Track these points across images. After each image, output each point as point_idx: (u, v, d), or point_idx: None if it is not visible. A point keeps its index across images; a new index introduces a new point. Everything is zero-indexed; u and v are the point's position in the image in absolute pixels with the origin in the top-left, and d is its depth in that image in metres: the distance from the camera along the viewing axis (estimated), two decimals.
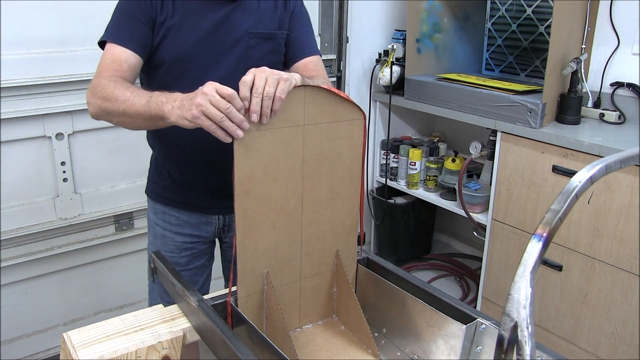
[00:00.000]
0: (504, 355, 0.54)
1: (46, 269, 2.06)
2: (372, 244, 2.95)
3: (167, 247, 1.42)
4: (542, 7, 2.37)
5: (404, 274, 1.12)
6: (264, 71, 0.93)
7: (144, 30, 1.21)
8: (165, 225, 1.41)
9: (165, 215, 1.41)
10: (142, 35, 1.21)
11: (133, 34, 1.21)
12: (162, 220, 1.42)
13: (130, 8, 1.21)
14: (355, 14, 2.59)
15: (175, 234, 1.41)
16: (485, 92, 2.17)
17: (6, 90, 1.79)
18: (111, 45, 1.20)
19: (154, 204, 1.43)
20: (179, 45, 1.23)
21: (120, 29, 1.22)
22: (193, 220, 1.41)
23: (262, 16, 1.29)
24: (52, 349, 2.15)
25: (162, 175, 1.40)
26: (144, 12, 1.21)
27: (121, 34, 1.21)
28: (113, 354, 0.96)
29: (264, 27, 1.29)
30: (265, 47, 1.30)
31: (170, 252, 1.42)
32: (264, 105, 0.92)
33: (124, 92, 1.08)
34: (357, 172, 1.11)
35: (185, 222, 1.40)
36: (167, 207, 1.40)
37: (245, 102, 0.92)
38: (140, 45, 1.21)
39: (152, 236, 1.46)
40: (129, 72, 1.19)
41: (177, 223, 1.40)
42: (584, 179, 0.58)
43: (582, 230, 1.89)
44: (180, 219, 1.40)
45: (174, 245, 1.42)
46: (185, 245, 1.43)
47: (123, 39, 1.20)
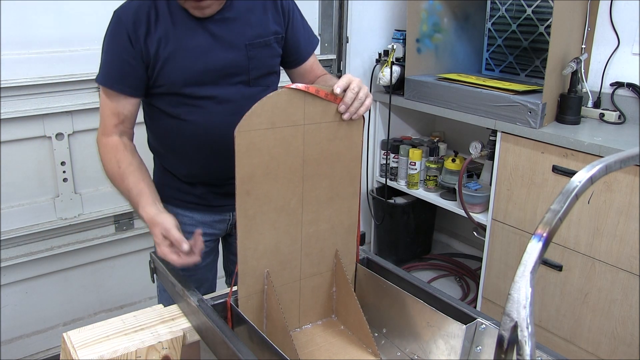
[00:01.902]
0: (504, 355, 0.54)
1: (46, 269, 2.06)
2: (372, 244, 2.95)
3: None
4: (542, 7, 2.37)
5: (404, 274, 1.12)
6: (359, 81, 1.06)
7: (137, 73, 1.21)
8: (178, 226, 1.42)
9: (177, 217, 1.38)
10: (137, 77, 1.22)
11: (127, 78, 1.22)
12: None
13: (120, 50, 1.20)
14: (355, 14, 2.59)
15: (189, 234, 1.40)
16: (485, 92, 2.17)
17: (6, 90, 1.79)
18: (107, 91, 1.23)
19: (165, 206, 1.42)
20: (180, 71, 1.22)
21: (113, 73, 1.22)
22: (207, 219, 1.41)
23: (254, 24, 1.27)
24: (52, 349, 2.15)
25: (172, 178, 1.39)
26: (134, 54, 1.19)
27: (116, 79, 1.22)
28: (113, 354, 0.96)
29: (259, 36, 1.27)
30: (264, 54, 1.29)
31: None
32: (354, 105, 1.05)
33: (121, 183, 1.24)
34: (357, 171, 1.11)
35: (199, 222, 1.40)
36: (179, 208, 1.39)
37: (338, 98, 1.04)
38: (135, 87, 1.23)
39: None
40: (129, 120, 1.27)
41: (191, 223, 1.40)
42: (584, 179, 0.58)
43: (582, 230, 1.89)
44: (193, 219, 1.40)
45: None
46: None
47: (118, 84, 1.22)
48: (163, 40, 1.19)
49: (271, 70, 1.32)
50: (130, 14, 1.19)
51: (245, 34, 1.25)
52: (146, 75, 1.22)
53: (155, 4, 1.19)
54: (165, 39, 1.19)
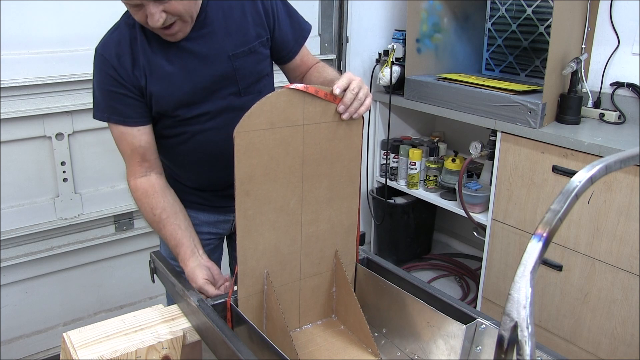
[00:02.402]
0: (504, 355, 0.54)
1: (46, 269, 2.06)
2: (372, 244, 2.95)
3: None
4: (542, 7, 2.37)
5: (404, 274, 1.12)
6: (360, 81, 1.06)
7: (135, 102, 1.20)
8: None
9: None
10: (137, 105, 1.20)
11: (128, 110, 1.20)
12: None
13: (110, 85, 1.18)
14: (355, 14, 2.59)
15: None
16: (485, 92, 2.17)
17: (6, 90, 1.79)
18: (116, 127, 1.22)
19: None
20: (169, 97, 1.20)
21: (113, 109, 1.20)
22: (211, 219, 1.41)
23: (235, 33, 1.23)
24: (52, 349, 2.15)
25: (176, 182, 1.39)
26: (125, 85, 1.18)
27: (118, 114, 1.20)
28: (113, 354, 0.96)
29: (241, 44, 1.23)
30: (250, 62, 1.26)
31: None
32: (354, 105, 1.04)
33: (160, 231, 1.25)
34: (356, 171, 1.11)
35: (203, 222, 1.41)
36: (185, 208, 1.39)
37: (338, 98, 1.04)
38: (140, 115, 1.22)
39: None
40: (150, 150, 1.25)
41: (195, 223, 1.39)
42: (584, 179, 0.58)
43: (582, 230, 1.89)
44: (197, 218, 1.40)
45: None
46: (202, 242, 1.41)
47: (123, 117, 1.20)
48: (147, 70, 1.18)
49: (261, 75, 1.30)
50: (112, 47, 1.17)
51: (226, 46, 1.21)
52: (145, 101, 1.21)
53: (132, 32, 1.18)
54: (149, 68, 1.18)
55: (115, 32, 1.19)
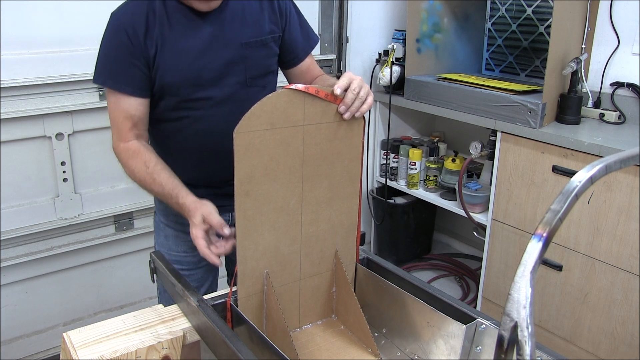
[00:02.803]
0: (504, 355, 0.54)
1: (46, 269, 2.06)
2: (372, 244, 2.95)
3: (180, 247, 1.43)
4: (542, 7, 2.37)
5: (404, 274, 1.12)
6: (360, 80, 1.05)
7: (139, 71, 1.20)
8: (178, 226, 1.41)
9: (177, 217, 1.40)
10: (140, 75, 1.20)
11: (131, 78, 1.20)
12: (174, 222, 1.42)
13: (120, 49, 1.18)
14: (355, 14, 2.59)
15: (188, 234, 1.42)
16: (485, 92, 2.17)
17: (6, 90, 1.79)
18: (113, 94, 1.21)
19: (165, 207, 1.41)
20: (176, 72, 1.21)
21: (116, 73, 1.20)
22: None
23: (250, 24, 1.27)
24: (52, 349, 2.15)
25: None
26: (135, 52, 1.18)
27: (120, 80, 1.20)
28: (113, 354, 0.96)
29: (255, 35, 1.27)
30: (260, 54, 1.28)
31: (184, 252, 1.43)
32: (355, 104, 1.04)
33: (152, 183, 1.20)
34: (356, 172, 1.11)
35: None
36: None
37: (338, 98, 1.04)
38: (141, 87, 1.21)
39: (162, 238, 1.45)
40: (143, 122, 1.24)
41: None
42: (584, 179, 0.58)
43: (582, 230, 1.89)
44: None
45: (187, 245, 1.42)
46: None
47: (124, 84, 1.20)
48: (160, 41, 1.19)
49: (268, 70, 1.32)
50: (128, 14, 1.18)
51: (241, 33, 1.24)
52: (149, 74, 1.21)
53: (152, 4, 1.19)
54: (162, 40, 1.19)
55: (132, 2, 1.20)
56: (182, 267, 1.44)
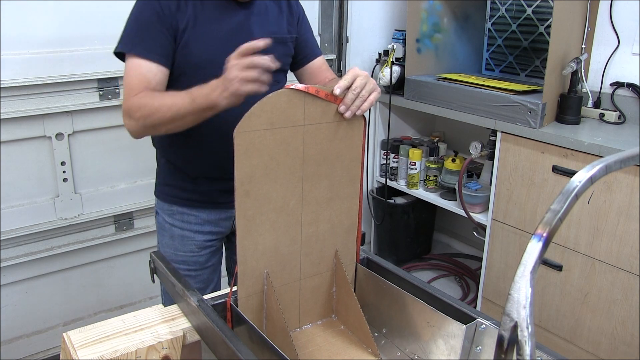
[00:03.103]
0: (504, 355, 0.54)
1: (46, 269, 2.06)
2: (372, 244, 2.95)
3: (186, 247, 1.43)
4: (542, 7, 2.37)
5: (404, 274, 1.12)
6: (365, 77, 1.03)
7: (166, 40, 1.20)
8: (184, 225, 1.41)
9: (183, 216, 1.41)
10: (166, 45, 1.20)
11: (157, 45, 1.20)
12: (180, 221, 1.41)
13: (149, 17, 1.19)
14: (355, 14, 2.59)
15: (196, 233, 1.42)
16: (485, 92, 2.17)
17: (6, 90, 1.79)
18: (135, 60, 1.19)
19: (170, 206, 1.42)
20: (202, 52, 1.23)
21: (141, 40, 1.19)
22: (213, 217, 1.42)
23: (272, 21, 1.33)
24: (52, 349, 2.15)
25: (177, 176, 1.40)
26: (164, 21, 1.19)
27: (145, 46, 1.19)
28: (113, 354, 0.96)
29: (276, 32, 1.32)
30: (279, 51, 1.31)
31: (190, 252, 1.43)
32: (355, 103, 1.03)
33: (164, 101, 1.13)
34: (357, 172, 1.11)
35: (205, 221, 1.41)
36: (185, 207, 1.40)
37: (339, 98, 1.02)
38: (165, 56, 1.21)
39: (167, 238, 1.44)
40: (159, 87, 1.21)
41: (197, 222, 1.41)
42: (584, 179, 0.58)
43: (582, 230, 1.89)
44: (199, 217, 1.41)
45: (194, 244, 1.43)
46: (205, 244, 1.44)
47: (147, 51, 1.19)
48: (191, 19, 1.22)
49: (283, 69, 1.38)
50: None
51: (265, 28, 1.30)
52: (174, 47, 1.21)
53: None
54: (193, 18, 1.22)
55: None
56: (188, 268, 1.44)
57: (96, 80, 1.95)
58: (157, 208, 1.47)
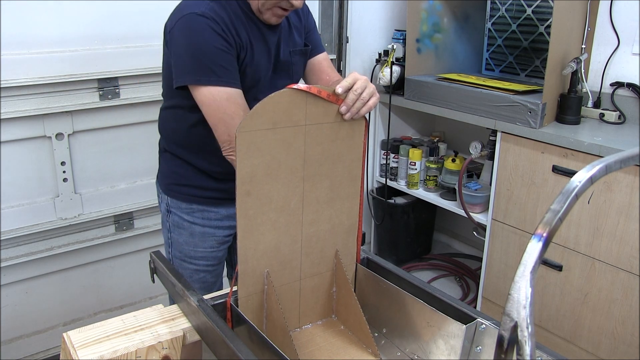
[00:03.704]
0: (504, 355, 0.54)
1: (46, 269, 2.06)
2: (372, 244, 2.95)
3: (207, 243, 1.46)
4: (542, 7, 2.37)
5: (404, 274, 1.12)
6: (365, 80, 1.05)
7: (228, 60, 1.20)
8: (205, 222, 1.44)
9: (204, 213, 1.44)
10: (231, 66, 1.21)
11: (235, 71, 1.21)
12: (201, 218, 1.44)
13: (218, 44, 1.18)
14: (355, 14, 2.59)
15: (216, 229, 1.46)
16: (485, 92, 2.17)
17: (6, 90, 1.79)
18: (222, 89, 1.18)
19: (189, 205, 1.43)
20: (254, 74, 1.29)
21: (224, 68, 1.18)
22: (232, 211, 1.41)
23: (294, 35, 1.37)
24: (52, 349, 2.15)
25: (199, 177, 1.41)
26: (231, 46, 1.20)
27: (229, 75, 1.19)
28: (113, 354, 0.96)
29: (298, 44, 1.38)
30: (301, 62, 1.40)
31: (210, 248, 1.47)
32: (356, 105, 1.04)
33: None
34: (357, 172, 1.11)
35: (225, 216, 1.45)
36: (205, 205, 1.43)
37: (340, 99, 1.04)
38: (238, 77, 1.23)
39: (186, 236, 1.45)
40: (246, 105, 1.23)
41: (217, 218, 1.44)
42: (584, 179, 0.58)
43: (582, 230, 1.89)
44: (219, 213, 1.44)
45: (215, 240, 1.47)
46: (224, 239, 1.48)
47: (233, 79, 1.20)
48: (248, 44, 1.25)
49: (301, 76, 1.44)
50: (215, 13, 1.19)
51: (289, 43, 1.35)
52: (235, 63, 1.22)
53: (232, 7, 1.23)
54: (249, 44, 1.25)
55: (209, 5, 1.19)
56: (207, 263, 1.49)
57: (96, 80, 1.95)
58: (170, 207, 1.47)
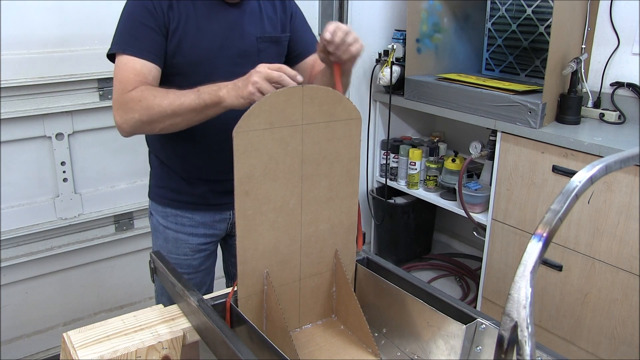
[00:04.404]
0: (504, 355, 0.54)
1: (46, 269, 2.06)
2: (372, 244, 2.95)
3: (180, 249, 1.41)
4: (542, 7, 2.36)
5: (404, 274, 1.12)
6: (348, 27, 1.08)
7: (159, 40, 1.20)
8: (178, 227, 1.40)
9: (177, 218, 1.40)
10: (159, 45, 1.20)
11: (150, 44, 1.19)
12: (174, 223, 1.40)
13: (142, 16, 1.19)
14: (355, 14, 2.59)
15: (190, 236, 1.41)
16: (485, 92, 2.17)
17: (6, 90, 1.79)
18: (129, 58, 1.18)
19: (164, 209, 1.41)
20: (196, 52, 1.23)
21: (135, 39, 1.19)
22: (207, 219, 1.40)
23: (266, 20, 1.32)
24: (52, 349, 2.15)
25: (172, 178, 1.38)
26: (157, 20, 1.19)
27: (139, 46, 1.18)
28: (113, 354, 0.96)
29: (270, 31, 1.32)
30: (272, 51, 1.33)
31: (184, 255, 1.42)
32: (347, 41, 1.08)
33: (166, 96, 1.12)
34: (356, 171, 1.11)
35: (199, 223, 1.40)
36: (179, 210, 1.39)
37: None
38: (159, 55, 1.21)
39: (161, 241, 1.43)
40: (154, 84, 1.20)
41: (191, 224, 1.40)
42: (584, 179, 0.58)
43: (582, 230, 1.89)
44: (194, 219, 1.39)
45: (188, 247, 1.41)
46: (199, 247, 1.42)
47: (142, 50, 1.18)
48: (183, 19, 1.21)
49: None
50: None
51: (258, 28, 1.29)
52: (166, 46, 1.22)
53: None
54: (186, 17, 1.22)
55: None
56: (182, 271, 1.42)
57: (96, 80, 1.95)
58: (151, 209, 1.46)
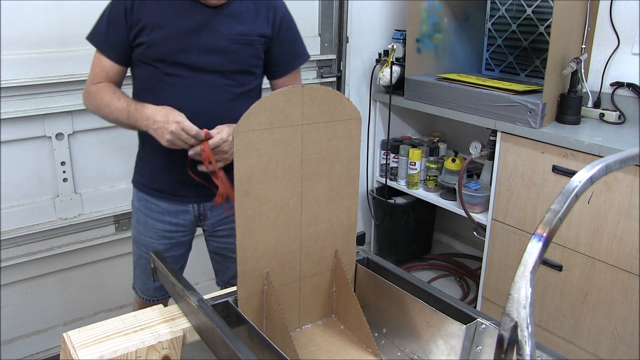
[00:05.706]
0: (504, 355, 0.54)
1: (46, 269, 2.06)
2: (372, 244, 2.95)
3: (147, 232, 1.51)
4: (542, 7, 2.37)
5: (404, 274, 1.12)
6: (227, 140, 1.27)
7: (122, 37, 1.32)
8: (147, 212, 1.50)
9: (147, 203, 1.49)
10: (122, 42, 1.33)
11: (117, 44, 1.34)
12: (144, 207, 1.50)
13: (118, 15, 1.31)
14: (355, 14, 2.59)
15: (156, 221, 1.49)
16: (485, 92, 2.17)
17: (6, 90, 1.79)
18: (99, 54, 1.37)
19: (138, 192, 1.52)
20: (161, 45, 1.31)
21: (106, 37, 1.35)
22: (172, 208, 1.48)
23: (243, 22, 1.35)
24: (52, 349, 2.15)
25: (144, 165, 1.49)
26: (119, 16, 1.30)
27: (108, 44, 1.35)
28: (113, 354, 0.96)
29: (245, 33, 1.35)
30: (245, 52, 1.37)
31: (150, 238, 1.51)
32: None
33: (111, 102, 1.33)
34: (356, 171, 1.11)
35: (165, 211, 1.48)
36: (149, 195, 1.49)
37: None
38: (122, 56, 1.36)
39: (135, 221, 1.56)
40: (117, 78, 1.40)
41: (158, 211, 1.48)
42: (584, 179, 0.58)
43: (582, 230, 1.89)
44: (160, 207, 1.48)
45: (154, 231, 1.50)
46: (164, 234, 1.50)
47: (108, 49, 1.35)
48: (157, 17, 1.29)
49: (248, 70, 1.40)
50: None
51: (232, 29, 1.33)
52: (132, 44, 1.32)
53: None
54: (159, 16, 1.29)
55: None
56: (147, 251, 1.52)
57: None
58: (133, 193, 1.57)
